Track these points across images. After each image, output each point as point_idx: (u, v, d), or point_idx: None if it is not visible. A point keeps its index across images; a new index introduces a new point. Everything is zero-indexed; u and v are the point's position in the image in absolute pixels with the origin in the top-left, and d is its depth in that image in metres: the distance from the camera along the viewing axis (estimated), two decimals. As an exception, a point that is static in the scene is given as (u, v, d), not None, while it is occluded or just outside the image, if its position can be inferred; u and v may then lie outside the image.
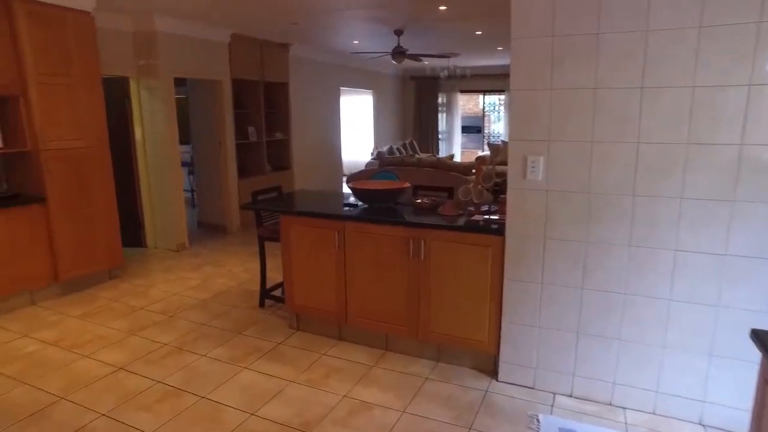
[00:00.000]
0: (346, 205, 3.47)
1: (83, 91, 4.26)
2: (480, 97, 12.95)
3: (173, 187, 5.63)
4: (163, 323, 3.73)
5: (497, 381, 2.86)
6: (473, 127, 13.46)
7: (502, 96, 12.28)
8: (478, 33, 6.75)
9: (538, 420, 2.49)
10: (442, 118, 12.23)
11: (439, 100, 12.10)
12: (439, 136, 12.27)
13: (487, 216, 2.95)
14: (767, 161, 2.13)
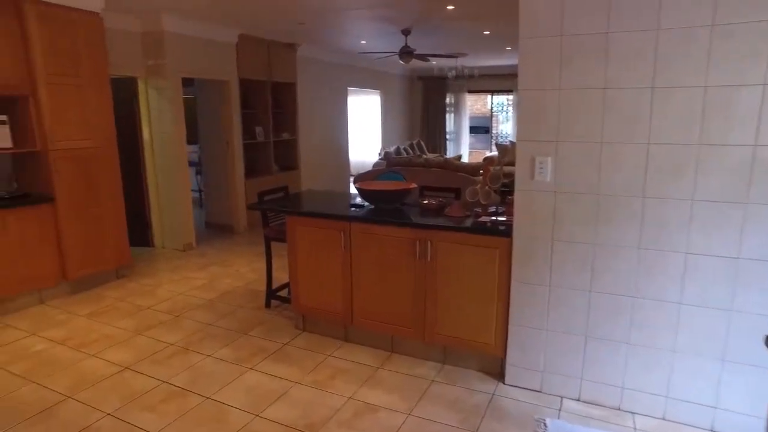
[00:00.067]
0: (352, 205, 3.45)
1: (92, 91, 4.29)
2: (488, 97, 12.90)
3: (181, 187, 5.65)
4: (170, 323, 3.74)
5: (504, 384, 2.83)
6: (481, 128, 13.41)
7: (510, 96, 12.22)
8: (486, 33, 6.72)
9: (545, 424, 2.46)
10: (450, 119, 12.19)
11: (447, 100, 12.06)
12: (447, 137, 12.23)
13: (494, 217, 2.92)
14: (782, 162, 2.09)
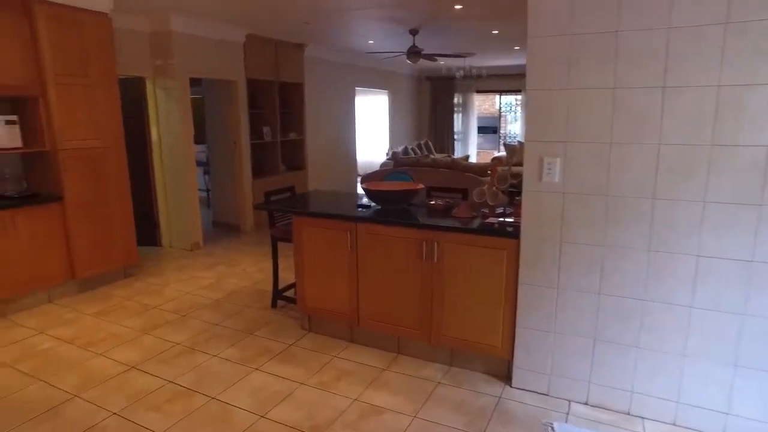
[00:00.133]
0: (359, 206, 3.44)
1: (100, 91, 4.31)
2: (496, 97, 12.84)
3: (188, 186, 5.67)
4: (176, 322, 3.74)
5: (511, 387, 2.80)
6: (489, 128, 13.36)
7: (518, 96, 12.16)
8: (495, 32, 6.68)
9: (552, 428, 2.43)
10: (458, 119, 12.14)
11: (455, 100, 12.01)
12: (455, 137, 12.18)
13: (501, 218, 2.89)
14: (796, 164, 2.04)
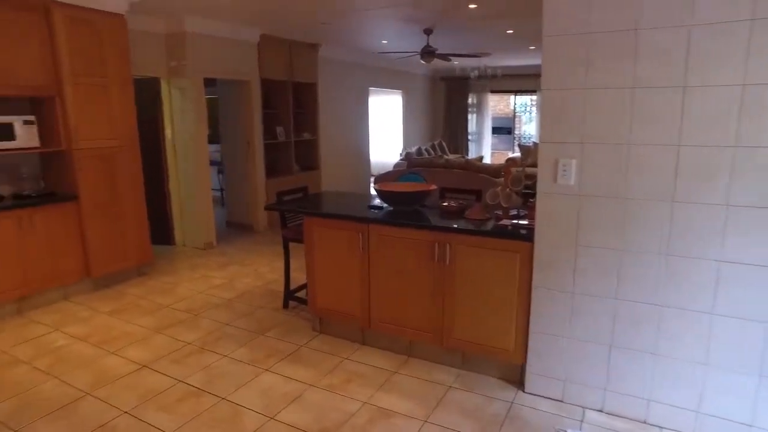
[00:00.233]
0: (371, 207, 3.41)
1: (115, 91, 4.35)
2: (511, 97, 12.71)
3: (202, 186, 5.69)
4: (188, 322, 3.76)
5: (524, 392, 2.75)
6: (504, 128, 13.23)
7: (533, 96, 12.02)
8: (510, 32, 6.60)
9: (566, 436, 2.37)
10: (472, 119, 12.05)
11: (469, 100, 11.92)
12: (469, 137, 12.09)
13: (515, 221, 2.84)
14: (825, 166, 1.96)
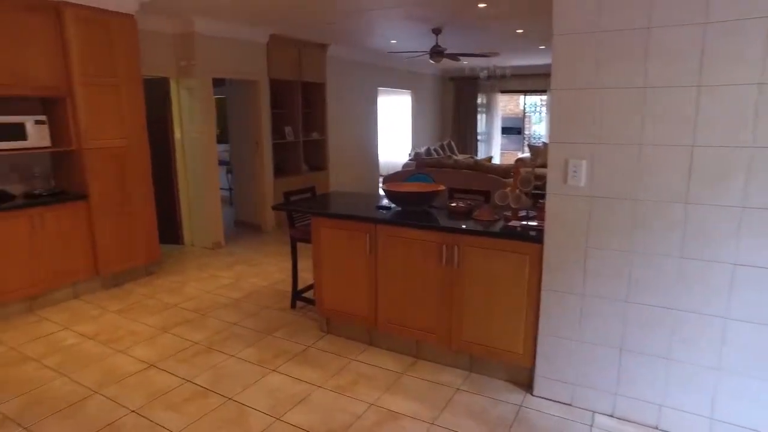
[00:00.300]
0: (379, 207, 3.39)
1: (125, 91, 4.37)
2: (521, 97, 12.64)
3: (210, 185, 5.71)
4: (195, 321, 3.76)
5: (532, 395, 2.72)
6: (513, 129, 13.16)
7: (543, 96, 11.95)
8: (519, 31, 6.55)
9: (575, 441, 2.34)
10: (482, 119, 11.99)
11: (479, 100, 11.86)
12: (478, 138, 12.04)
13: (524, 222, 2.81)
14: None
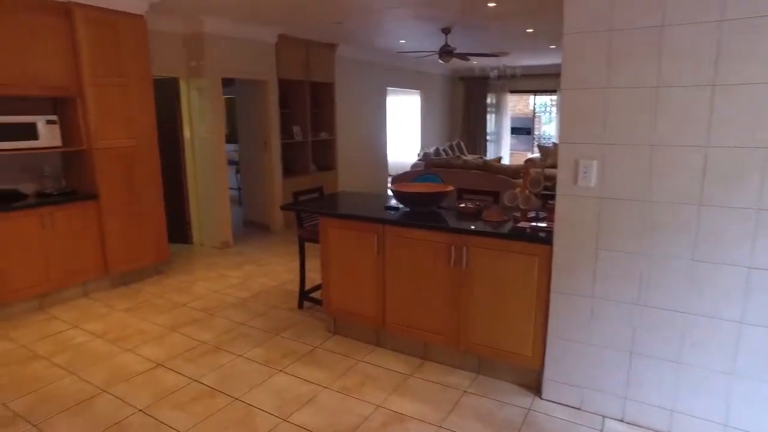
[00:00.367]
0: (387, 208, 3.37)
1: (135, 91, 4.40)
2: (530, 97, 12.56)
3: (219, 185, 5.73)
4: (203, 321, 3.77)
5: (541, 399, 2.68)
6: (523, 129, 13.08)
7: (553, 96, 11.86)
8: (529, 31, 6.49)
9: (585, 445, 2.30)
10: (491, 119, 11.93)
11: (488, 100, 11.80)
12: (488, 138, 11.97)
13: (534, 223, 2.78)
14: None
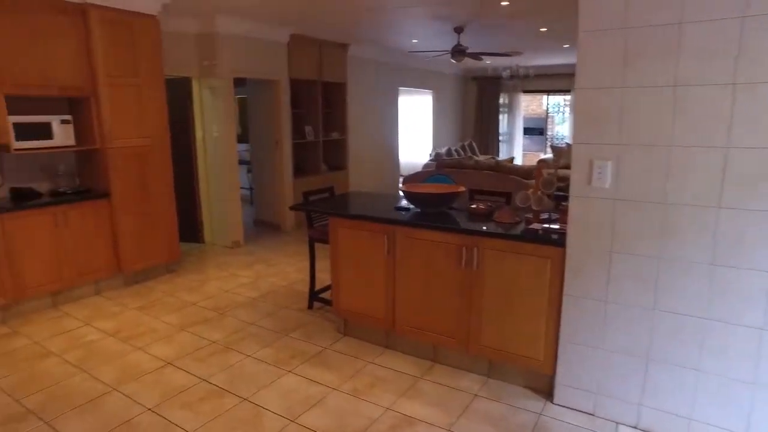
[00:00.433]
0: (398, 208, 3.35)
1: (148, 91, 4.42)
2: (544, 97, 12.44)
3: (230, 185, 5.75)
4: (213, 320, 3.78)
5: (552, 404, 2.64)
6: (536, 129, 12.97)
7: (567, 96, 11.74)
8: (543, 30, 6.42)
9: (598, 453, 2.25)
10: (504, 120, 11.84)
11: (501, 100, 11.71)
12: (500, 138, 11.88)
13: (546, 225, 2.73)
14: None
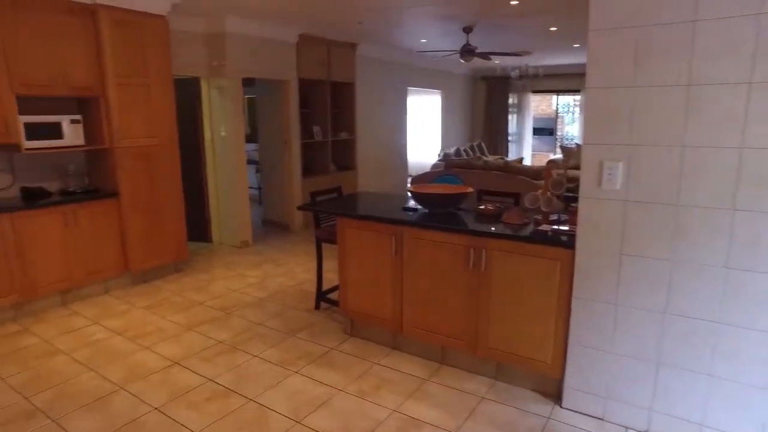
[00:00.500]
0: (405, 209, 3.33)
1: (156, 91, 4.44)
2: (553, 97, 12.35)
3: (239, 185, 5.76)
4: (220, 320, 3.78)
5: (561, 407, 2.60)
6: (545, 129, 12.88)
7: (577, 96, 11.64)
8: (553, 29, 6.36)
9: (607, 458, 2.22)
10: (513, 120, 11.76)
11: (510, 100, 11.64)
12: (509, 138, 11.81)
13: (555, 226, 2.69)
14: None
